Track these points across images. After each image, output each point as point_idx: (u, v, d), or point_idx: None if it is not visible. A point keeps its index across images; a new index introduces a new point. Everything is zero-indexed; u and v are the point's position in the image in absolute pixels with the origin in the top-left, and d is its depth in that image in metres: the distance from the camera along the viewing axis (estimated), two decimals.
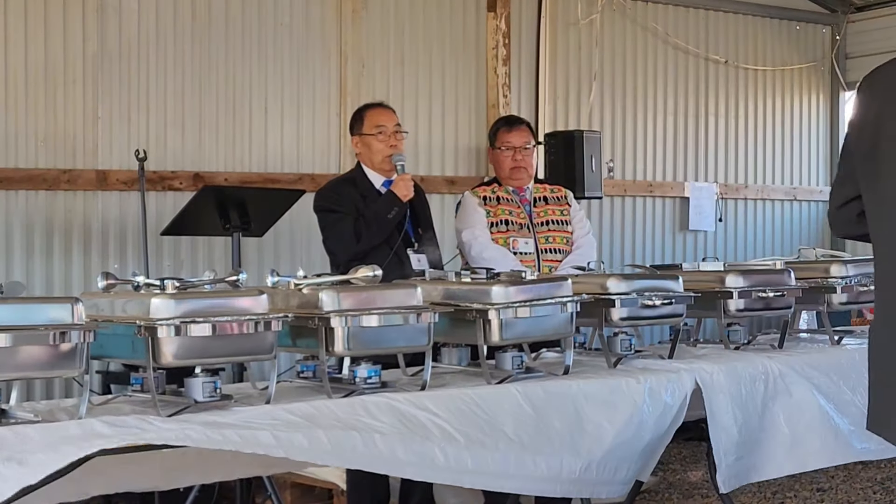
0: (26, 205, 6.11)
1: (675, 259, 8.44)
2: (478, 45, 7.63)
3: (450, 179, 7.46)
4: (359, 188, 4.99)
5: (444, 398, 3.49)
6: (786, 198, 9.22)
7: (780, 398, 4.29)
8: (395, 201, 4.86)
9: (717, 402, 4.12)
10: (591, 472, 3.72)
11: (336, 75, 7.08)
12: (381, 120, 5.03)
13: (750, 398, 4.21)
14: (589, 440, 3.72)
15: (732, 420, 4.13)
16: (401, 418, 3.34)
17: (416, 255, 4.94)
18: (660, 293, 4.17)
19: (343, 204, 4.92)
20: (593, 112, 8.13)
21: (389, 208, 4.85)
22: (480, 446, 3.45)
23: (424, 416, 3.39)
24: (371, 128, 5.02)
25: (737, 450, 4.13)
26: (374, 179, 5.02)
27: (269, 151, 6.85)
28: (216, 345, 3.17)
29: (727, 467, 4.10)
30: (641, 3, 8.40)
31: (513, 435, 3.54)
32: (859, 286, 4.86)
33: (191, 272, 6.37)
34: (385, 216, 4.83)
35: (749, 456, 4.18)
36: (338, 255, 4.93)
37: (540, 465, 3.58)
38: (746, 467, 4.18)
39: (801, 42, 9.28)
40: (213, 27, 6.65)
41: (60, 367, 2.95)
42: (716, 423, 4.10)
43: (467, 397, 3.53)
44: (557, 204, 5.41)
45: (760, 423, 4.22)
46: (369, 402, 3.36)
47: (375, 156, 5.00)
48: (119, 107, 6.36)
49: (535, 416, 3.62)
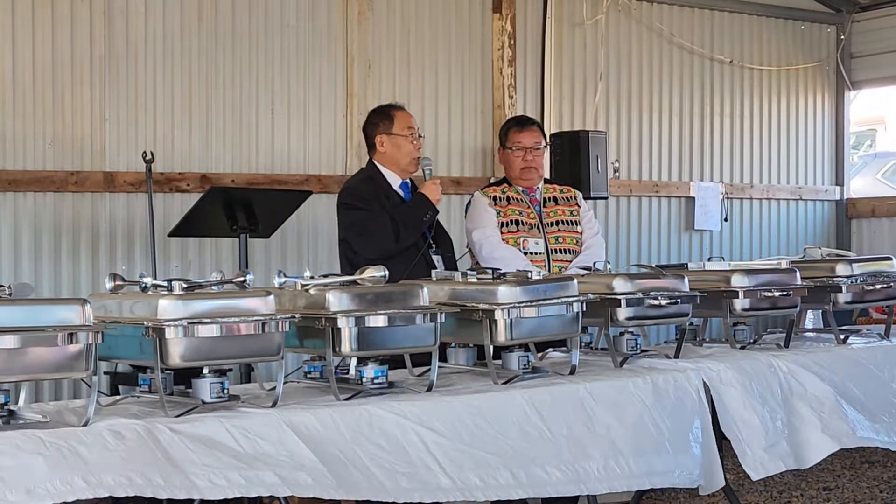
0: (34, 206, 6.14)
1: (681, 259, 8.45)
2: (483, 46, 7.65)
3: (455, 180, 7.47)
4: (378, 188, 5.01)
5: (449, 413, 3.45)
6: (791, 197, 9.22)
7: (796, 392, 4.31)
8: (427, 204, 4.91)
9: (729, 396, 4.13)
10: (613, 469, 3.73)
11: (342, 76, 7.10)
12: (411, 122, 5.08)
13: (767, 391, 4.24)
14: (601, 442, 3.73)
15: (752, 411, 4.14)
16: (405, 444, 3.32)
17: (436, 256, 4.98)
18: (665, 293, 4.17)
19: (371, 203, 4.92)
20: (599, 112, 8.14)
21: (424, 211, 4.89)
22: (486, 465, 3.44)
23: (430, 437, 3.36)
24: (403, 128, 5.04)
25: (765, 438, 4.14)
26: (391, 180, 5.04)
27: (275, 152, 6.87)
28: (224, 345, 3.17)
29: (753, 456, 4.10)
30: (646, 4, 8.41)
31: (520, 448, 3.53)
32: (865, 285, 4.87)
33: (198, 273, 6.39)
34: (421, 218, 4.88)
35: (782, 444, 4.20)
36: (367, 253, 4.82)
37: (552, 473, 3.58)
38: (782, 454, 4.19)
39: (805, 42, 9.28)
40: (219, 29, 6.68)
41: (68, 369, 2.95)
42: (732, 418, 4.12)
43: (473, 409, 3.50)
44: (567, 204, 5.43)
45: (787, 416, 4.25)
46: (375, 414, 3.32)
47: (404, 157, 5.02)
48: (126, 109, 6.38)
49: (541, 426, 3.61)
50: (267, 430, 3.15)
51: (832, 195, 9.46)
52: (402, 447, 3.32)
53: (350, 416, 3.30)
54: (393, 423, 3.33)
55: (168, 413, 3.12)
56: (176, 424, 3.04)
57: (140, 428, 2.97)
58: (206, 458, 3.01)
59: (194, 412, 3.16)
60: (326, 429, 3.23)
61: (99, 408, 3.20)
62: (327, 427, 3.24)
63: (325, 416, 3.26)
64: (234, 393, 3.36)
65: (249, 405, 3.29)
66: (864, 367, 4.65)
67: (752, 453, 4.11)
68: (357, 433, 3.27)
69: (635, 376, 3.98)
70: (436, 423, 3.41)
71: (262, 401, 3.38)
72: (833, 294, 4.79)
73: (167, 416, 3.10)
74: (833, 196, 9.46)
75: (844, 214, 9.49)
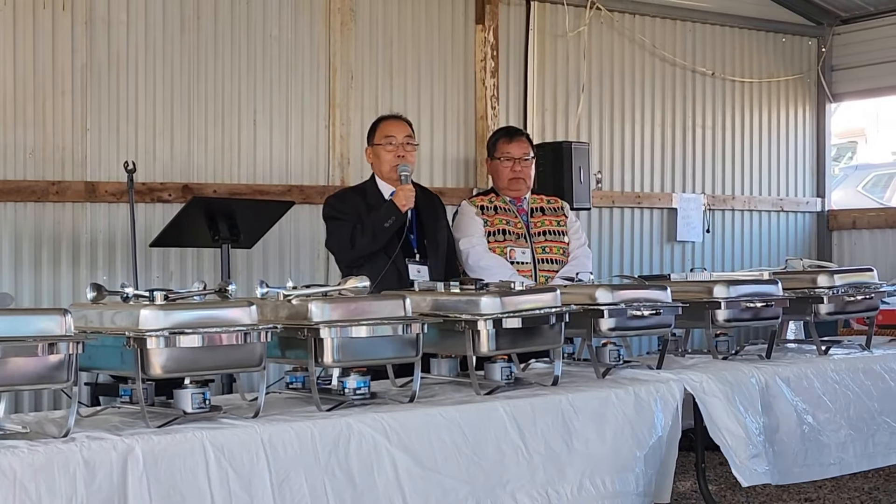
0: (15, 216, 6.10)
1: (663, 269, 8.46)
2: (466, 57, 7.66)
3: (438, 190, 7.43)
4: (367, 198, 5.03)
5: (427, 429, 3.43)
6: (773, 209, 9.25)
7: (776, 402, 4.34)
8: (392, 210, 4.88)
9: (713, 407, 4.15)
10: (588, 490, 3.72)
11: (325, 87, 7.09)
12: (391, 130, 5.08)
13: (749, 402, 4.25)
14: (579, 459, 3.72)
15: (735, 422, 4.15)
16: (376, 472, 3.29)
17: (416, 266, 4.96)
18: (648, 304, 4.18)
19: (346, 211, 4.98)
20: (581, 123, 8.16)
21: (387, 217, 4.87)
22: (454, 496, 3.43)
23: (403, 462, 3.33)
24: (381, 138, 5.07)
25: (750, 448, 4.16)
26: (384, 190, 5.05)
27: (258, 163, 6.85)
28: (205, 356, 3.16)
29: (741, 464, 4.12)
30: (629, 16, 8.43)
31: (494, 471, 3.51)
32: (846, 296, 4.89)
33: (180, 283, 6.36)
34: (382, 224, 4.86)
35: (763, 456, 4.22)
36: (337, 261, 5.08)
37: (522, 501, 3.56)
38: (766, 465, 4.21)
39: (787, 54, 9.33)
40: (202, 39, 6.66)
41: (49, 379, 2.94)
42: (717, 427, 4.13)
43: (453, 424, 3.48)
44: (554, 215, 5.45)
45: (768, 431, 4.29)
46: (354, 430, 3.29)
47: (384, 165, 5.04)
48: (108, 118, 6.36)
49: (519, 442, 3.59)
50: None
51: (813, 207, 9.51)
52: (372, 477, 3.28)
53: (330, 432, 3.26)
54: (370, 443, 3.31)
55: (149, 424, 3.10)
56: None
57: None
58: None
59: (175, 423, 3.14)
60: (303, 447, 3.20)
61: (79, 418, 3.19)
62: (304, 444, 3.21)
63: (304, 430, 3.23)
64: (216, 403, 3.35)
65: (231, 416, 3.27)
66: (843, 380, 4.68)
67: (740, 462, 4.12)
68: (332, 454, 3.24)
69: (618, 387, 3.98)
70: (413, 443, 3.39)
71: (244, 412, 3.36)
72: (815, 305, 4.81)
73: (148, 427, 3.08)
74: (814, 208, 9.51)
75: (826, 226, 9.53)
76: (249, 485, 3.08)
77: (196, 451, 3.02)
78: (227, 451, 3.07)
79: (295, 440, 3.19)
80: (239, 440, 3.11)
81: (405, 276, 4.86)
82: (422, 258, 5.00)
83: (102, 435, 2.98)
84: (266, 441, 3.14)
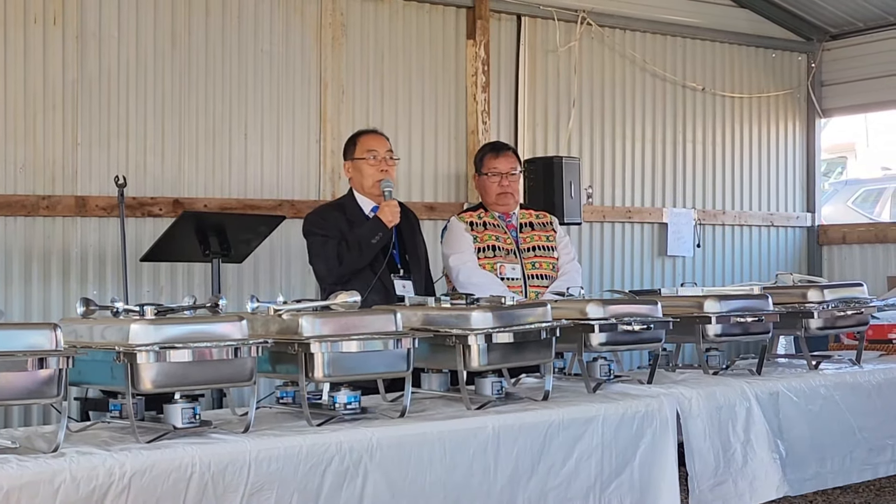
0: (5, 231, 6.09)
1: (654, 284, 8.47)
2: (457, 72, 7.67)
3: (429, 206, 7.47)
4: (347, 213, 5.00)
5: (408, 450, 3.42)
6: (763, 224, 9.28)
7: (757, 424, 4.31)
8: (379, 226, 4.86)
9: (694, 427, 4.14)
10: None
11: (316, 102, 7.10)
12: (373, 145, 5.05)
13: (729, 424, 4.23)
14: (553, 480, 3.71)
15: (709, 446, 4.14)
16: (346, 487, 3.28)
17: (401, 281, 4.95)
18: (639, 318, 4.18)
19: (328, 228, 4.93)
20: (572, 138, 8.18)
21: (374, 233, 4.85)
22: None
23: (373, 479, 3.32)
24: (363, 152, 5.03)
25: (713, 476, 4.14)
26: (363, 205, 5.03)
27: (248, 178, 6.85)
28: (195, 371, 3.15)
29: (700, 493, 4.11)
30: (619, 31, 8.46)
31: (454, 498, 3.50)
32: (836, 311, 4.89)
33: (170, 298, 6.36)
34: (369, 240, 4.84)
35: (730, 483, 4.19)
36: (323, 279, 4.97)
37: None
38: (726, 494, 4.19)
39: (777, 70, 9.36)
40: (193, 54, 6.67)
41: (38, 394, 2.93)
42: (692, 449, 4.12)
43: (437, 443, 3.46)
44: (543, 230, 5.45)
45: (744, 449, 4.24)
46: (345, 445, 3.29)
47: (366, 180, 5.01)
48: (99, 133, 6.36)
49: (491, 464, 3.57)
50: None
51: (804, 222, 9.53)
52: (339, 493, 3.26)
53: (318, 447, 3.25)
54: (350, 459, 3.29)
55: (139, 439, 3.09)
56: None
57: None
58: None
59: (165, 438, 3.13)
60: (289, 461, 3.19)
61: (69, 433, 3.18)
62: (290, 459, 3.19)
63: (293, 445, 3.22)
64: (206, 418, 3.34)
65: (221, 431, 3.26)
66: (830, 396, 4.68)
67: (699, 491, 4.11)
68: (314, 468, 3.22)
69: (608, 402, 3.98)
70: (392, 461, 3.36)
71: (235, 426, 3.35)
72: (805, 320, 4.82)
73: (138, 443, 3.07)
74: (804, 223, 9.53)
75: (816, 241, 9.55)
76: (223, 496, 3.06)
77: (185, 467, 3.01)
78: (217, 466, 3.06)
79: (283, 455, 3.18)
80: (229, 455, 3.10)
81: (391, 291, 4.86)
82: (406, 273, 4.99)
83: (92, 450, 2.97)
84: (254, 456, 3.13)
